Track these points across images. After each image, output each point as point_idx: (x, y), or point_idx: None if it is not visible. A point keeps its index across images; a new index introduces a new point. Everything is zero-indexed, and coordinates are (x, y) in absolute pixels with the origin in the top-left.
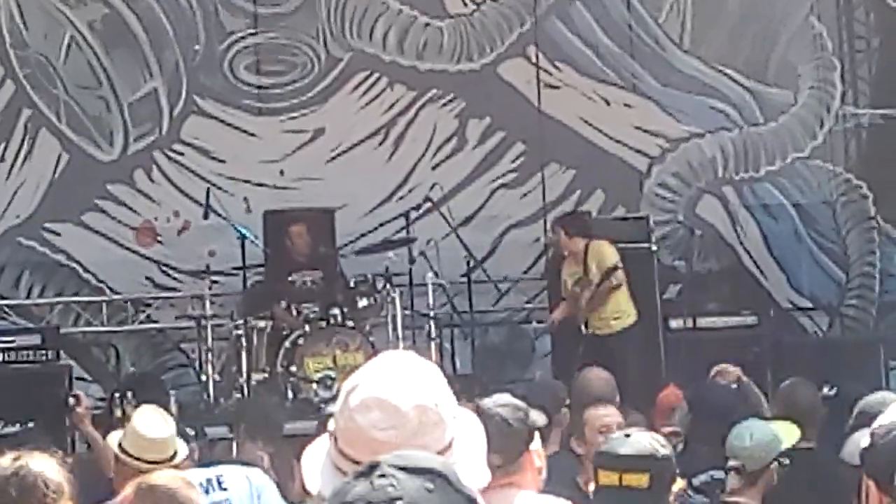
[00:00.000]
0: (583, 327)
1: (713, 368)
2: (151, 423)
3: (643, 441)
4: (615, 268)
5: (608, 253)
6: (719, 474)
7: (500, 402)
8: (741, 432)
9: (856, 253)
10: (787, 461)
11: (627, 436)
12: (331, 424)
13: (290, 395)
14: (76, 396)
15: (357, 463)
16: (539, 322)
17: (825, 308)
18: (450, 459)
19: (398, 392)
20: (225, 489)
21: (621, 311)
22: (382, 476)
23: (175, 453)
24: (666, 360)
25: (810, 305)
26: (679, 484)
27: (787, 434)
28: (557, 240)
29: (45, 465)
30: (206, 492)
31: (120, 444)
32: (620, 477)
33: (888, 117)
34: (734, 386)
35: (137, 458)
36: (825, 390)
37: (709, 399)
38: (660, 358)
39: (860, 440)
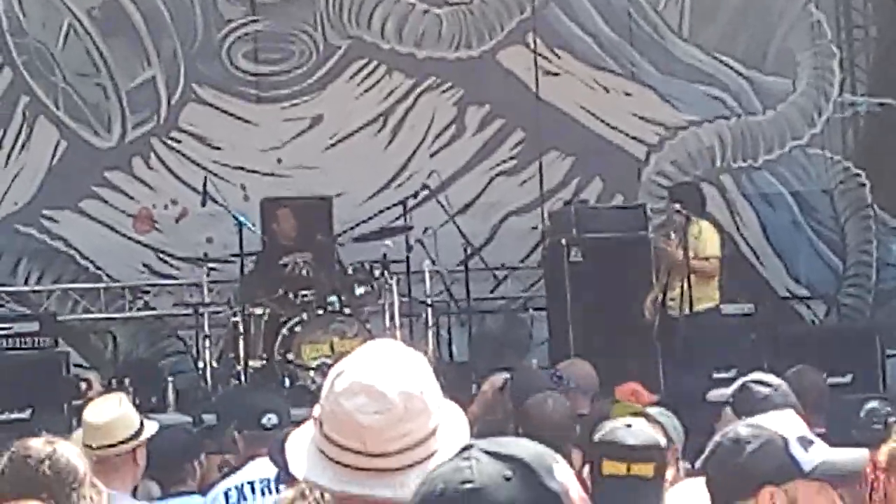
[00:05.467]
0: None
1: None
2: (98, 409)
3: (647, 431)
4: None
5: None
6: None
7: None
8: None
9: (853, 241)
10: None
11: (628, 426)
12: (316, 410)
13: (288, 382)
14: (87, 380)
15: (342, 447)
16: (536, 310)
17: (822, 297)
18: (432, 446)
19: (384, 378)
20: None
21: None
22: (467, 458)
23: (135, 434)
24: (662, 348)
25: (808, 294)
26: (672, 472)
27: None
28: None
29: (72, 452)
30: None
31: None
32: (629, 466)
33: (886, 106)
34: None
35: (87, 445)
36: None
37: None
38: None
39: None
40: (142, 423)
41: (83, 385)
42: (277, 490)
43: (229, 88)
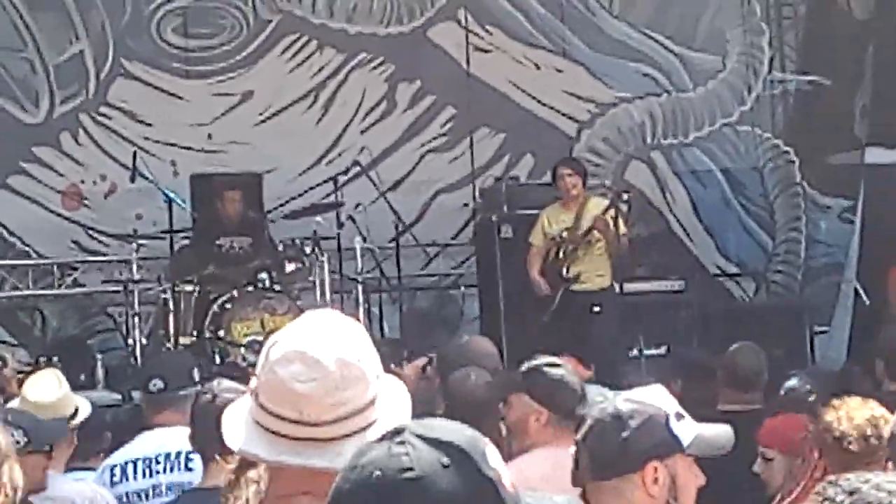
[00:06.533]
0: (561, 278)
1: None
2: (39, 387)
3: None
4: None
5: (603, 207)
6: None
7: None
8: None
9: (782, 219)
10: None
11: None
12: (252, 381)
13: (218, 359)
14: (2, 358)
15: (277, 417)
16: (467, 286)
17: (752, 274)
18: (371, 416)
19: (320, 345)
20: (191, 469)
21: (604, 270)
22: (401, 443)
23: (74, 414)
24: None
25: (737, 271)
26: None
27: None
28: (568, 182)
29: None
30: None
31: None
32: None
33: (815, 83)
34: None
35: None
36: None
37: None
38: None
39: None
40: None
41: None
42: (166, 471)
43: (159, 63)
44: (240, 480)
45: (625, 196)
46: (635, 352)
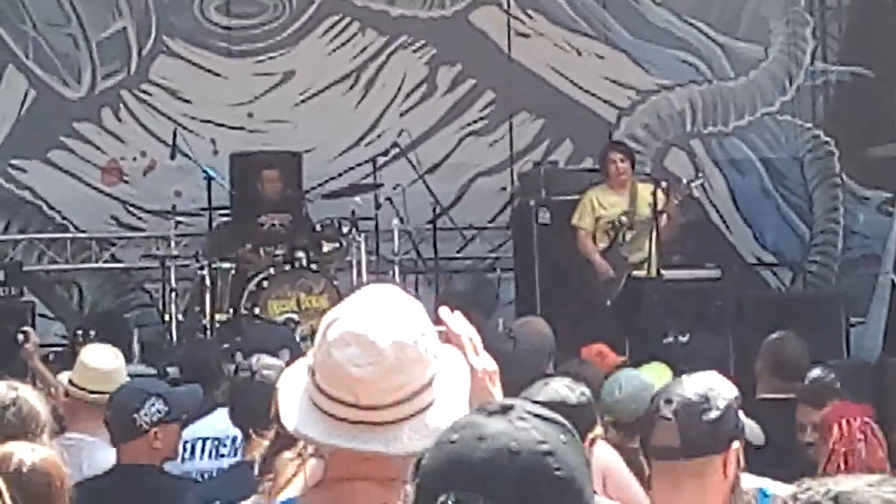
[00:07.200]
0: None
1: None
2: (99, 355)
3: (557, 388)
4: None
5: (652, 192)
6: None
7: None
8: (610, 386)
9: (821, 209)
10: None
11: (546, 384)
12: (309, 357)
13: None
14: (25, 332)
15: (333, 399)
16: (503, 270)
17: (789, 264)
18: (428, 398)
19: (377, 328)
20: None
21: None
22: (522, 419)
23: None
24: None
25: (774, 261)
26: (598, 431)
27: (659, 377)
28: (620, 166)
29: (34, 397)
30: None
31: (70, 380)
32: None
33: (857, 75)
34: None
35: (83, 389)
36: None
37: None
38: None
39: None
40: None
41: (20, 337)
42: (233, 454)
43: (201, 41)
44: (273, 460)
45: (694, 184)
46: (670, 338)
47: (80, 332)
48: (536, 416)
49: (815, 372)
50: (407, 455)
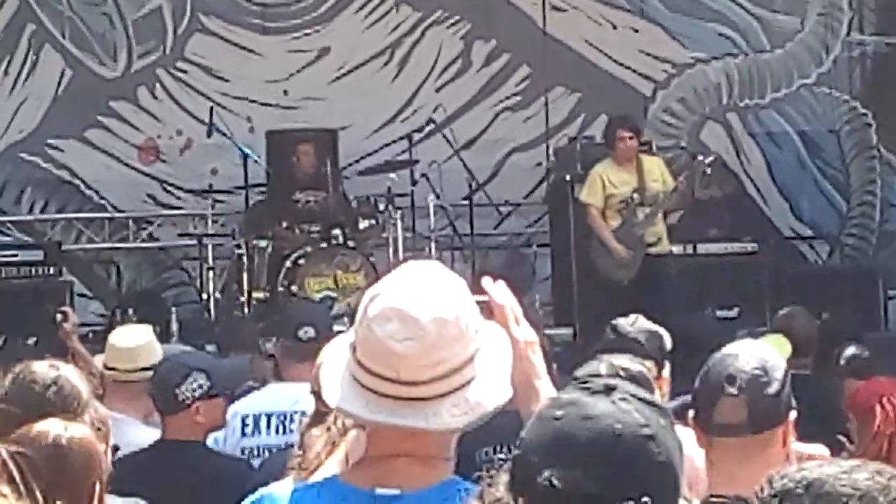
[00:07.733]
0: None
1: None
2: (124, 334)
3: (622, 363)
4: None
5: (657, 165)
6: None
7: None
8: None
9: (858, 182)
10: None
11: (608, 360)
12: (351, 334)
13: None
14: (64, 312)
15: (375, 375)
16: (540, 246)
17: (826, 237)
18: (469, 374)
19: (418, 303)
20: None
21: (664, 233)
22: (624, 399)
23: (157, 365)
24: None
25: (811, 234)
26: None
27: (778, 348)
28: (630, 144)
29: (75, 376)
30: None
31: (104, 363)
32: None
33: (893, 45)
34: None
35: (111, 369)
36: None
37: (694, 329)
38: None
39: None
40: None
41: (59, 316)
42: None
43: (236, 19)
44: (303, 436)
45: (707, 159)
46: (708, 313)
47: (118, 310)
48: (639, 398)
49: (851, 350)
50: (448, 431)
